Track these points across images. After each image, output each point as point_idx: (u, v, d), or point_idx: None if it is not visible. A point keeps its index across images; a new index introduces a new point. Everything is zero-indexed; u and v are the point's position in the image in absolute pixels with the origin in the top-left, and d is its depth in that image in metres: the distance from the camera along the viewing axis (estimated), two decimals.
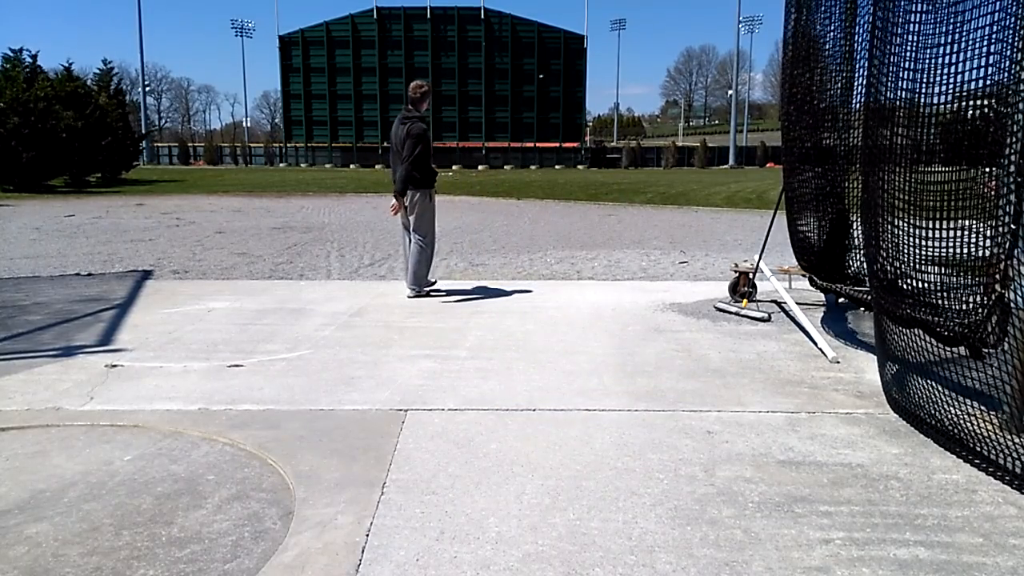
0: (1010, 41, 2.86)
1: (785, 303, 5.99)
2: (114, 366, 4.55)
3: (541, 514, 2.72)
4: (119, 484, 2.99)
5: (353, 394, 4.05)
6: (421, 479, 3.01)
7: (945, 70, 3.07)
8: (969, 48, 2.97)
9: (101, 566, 2.40)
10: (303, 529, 2.61)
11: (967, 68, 3.00)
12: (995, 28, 2.89)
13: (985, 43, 2.91)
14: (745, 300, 6.28)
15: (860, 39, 4.71)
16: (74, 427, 3.60)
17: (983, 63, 2.92)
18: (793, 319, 5.62)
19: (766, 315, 5.87)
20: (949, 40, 3.04)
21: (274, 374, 4.41)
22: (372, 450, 3.28)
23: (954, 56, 3.03)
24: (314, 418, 3.69)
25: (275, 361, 4.69)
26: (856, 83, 4.87)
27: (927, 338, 3.48)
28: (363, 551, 2.47)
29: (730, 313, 6.08)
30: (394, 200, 6.69)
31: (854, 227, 5.35)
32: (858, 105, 3.67)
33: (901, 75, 3.39)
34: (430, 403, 3.88)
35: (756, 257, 6.49)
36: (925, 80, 3.23)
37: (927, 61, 3.20)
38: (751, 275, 6.39)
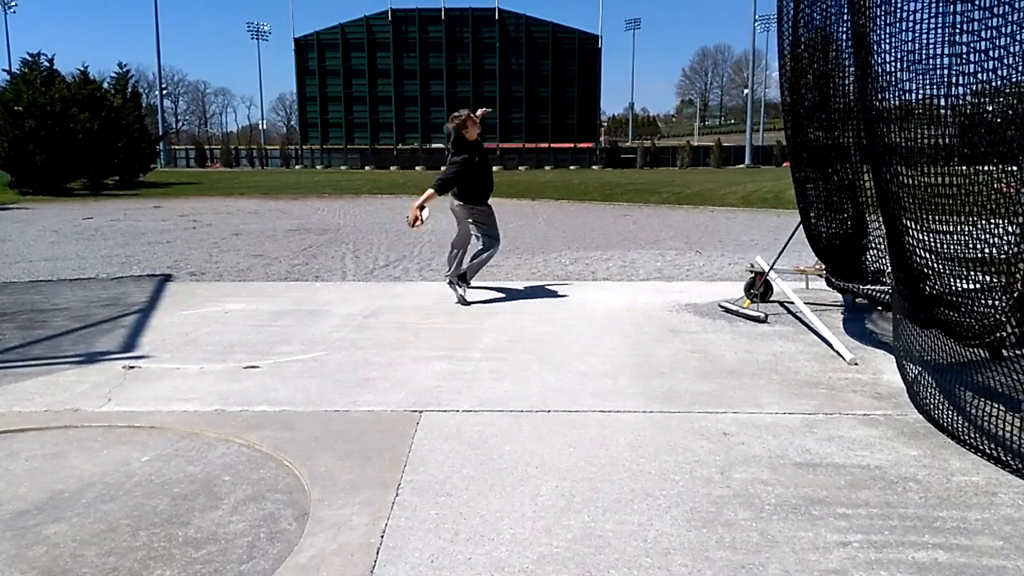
0: None
1: (796, 304, 5.94)
2: (131, 368, 4.59)
3: (556, 516, 2.72)
4: (136, 485, 3.01)
5: (368, 395, 4.06)
6: (436, 480, 3.01)
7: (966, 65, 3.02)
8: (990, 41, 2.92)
9: (118, 567, 2.42)
10: (318, 530, 2.62)
11: (988, 62, 2.95)
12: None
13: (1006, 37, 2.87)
14: (748, 300, 6.24)
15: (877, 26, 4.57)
16: (92, 428, 3.63)
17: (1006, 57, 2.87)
18: (801, 320, 5.57)
19: (763, 315, 5.83)
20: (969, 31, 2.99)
21: (290, 375, 4.43)
22: (387, 451, 3.29)
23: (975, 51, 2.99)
24: (329, 419, 3.70)
25: (291, 362, 4.71)
26: (870, 78, 4.77)
27: (947, 338, 3.44)
28: (378, 552, 2.48)
29: (731, 312, 6.05)
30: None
31: (870, 225, 5.29)
32: (878, 103, 3.61)
33: (917, 70, 3.34)
34: (445, 404, 3.88)
35: (773, 257, 6.44)
36: (944, 75, 3.18)
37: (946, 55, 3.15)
38: (766, 275, 6.35)
